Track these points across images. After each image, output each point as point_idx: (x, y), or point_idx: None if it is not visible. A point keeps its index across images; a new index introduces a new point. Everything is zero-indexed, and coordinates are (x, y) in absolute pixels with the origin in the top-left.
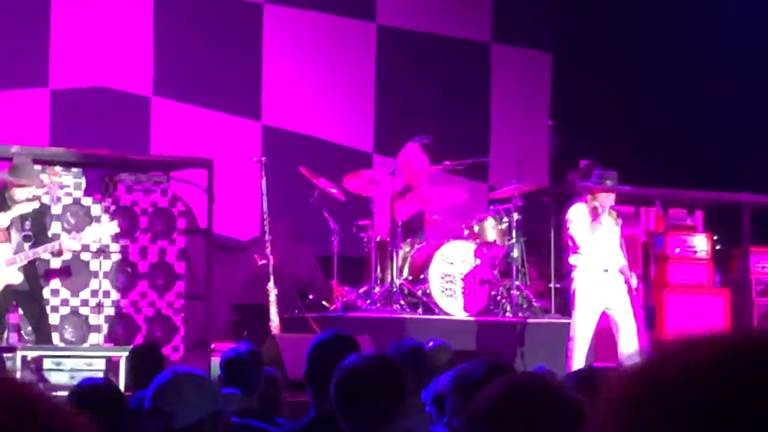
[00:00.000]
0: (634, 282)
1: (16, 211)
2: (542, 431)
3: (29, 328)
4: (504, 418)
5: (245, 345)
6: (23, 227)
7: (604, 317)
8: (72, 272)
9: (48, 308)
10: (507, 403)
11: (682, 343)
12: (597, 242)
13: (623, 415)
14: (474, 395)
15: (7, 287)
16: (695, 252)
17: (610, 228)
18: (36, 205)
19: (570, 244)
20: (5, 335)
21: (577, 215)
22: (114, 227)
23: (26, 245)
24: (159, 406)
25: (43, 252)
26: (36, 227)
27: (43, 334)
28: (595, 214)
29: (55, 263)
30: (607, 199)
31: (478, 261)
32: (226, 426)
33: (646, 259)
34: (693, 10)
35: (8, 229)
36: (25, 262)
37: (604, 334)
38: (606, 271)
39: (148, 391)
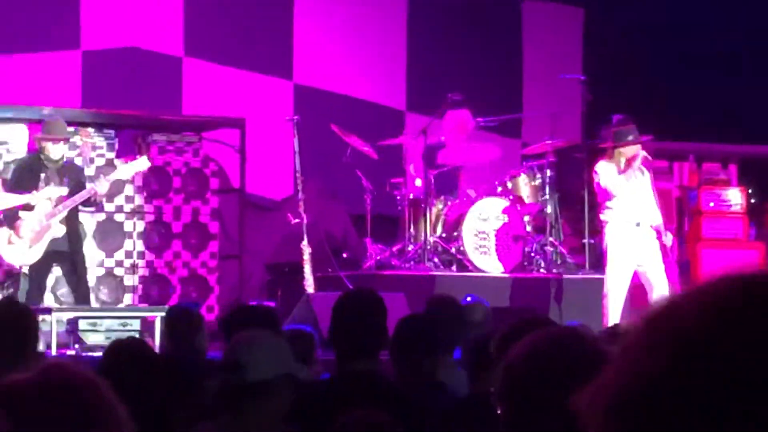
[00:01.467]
0: (668, 239)
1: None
2: (575, 383)
3: (65, 290)
4: (537, 369)
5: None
6: (61, 183)
7: (638, 274)
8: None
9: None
10: (541, 355)
11: (697, 287)
12: (626, 197)
13: (639, 361)
14: (509, 347)
15: (49, 247)
16: (729, 206)
17: (638, 182)
18: (72, 152)
19: (599, 199)
20: (43, 296)
21: (603, 170)
22: (145, 162)
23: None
24: (235, 359)
25: (80, 200)
26: (73, 185)
27: (81, 294)
28: (621, 168)
29: (91, 224)
30: (633, 152)
31: (511, 217)
32: (293, 391)
33: (680, 214)
34: None
35: (47, 185)
36: (65, 212)
37: (640, 291)
38: (638, 225)
39: (224, 346)
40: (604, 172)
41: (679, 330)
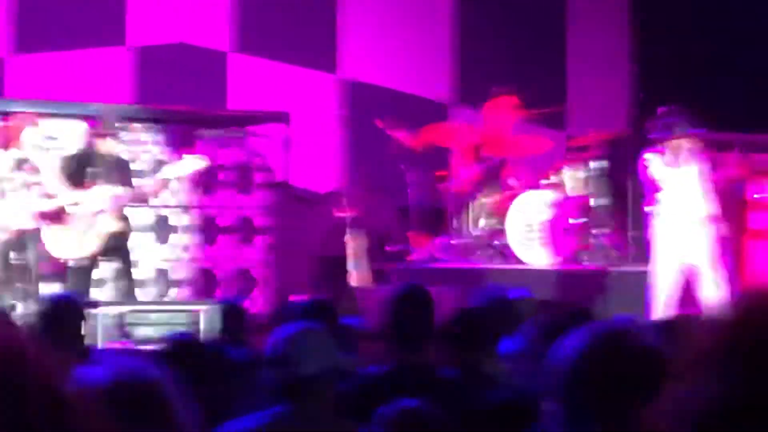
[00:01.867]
0: (717, 231)
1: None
2: (624, 381)
3: (112, 284)
4: (585, 368)
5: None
6: (110, 179)
7: (687, 267)
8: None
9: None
10: (589, 353)
11: None
12: (674, 189)
13: (714, 365)
14: (555, 342)
15: (96, 241)
16: None
17: (688, 174)
18: (121, 147)
19: (646, 192)
20: (90, 289)
21: (651, 162)
22: (200, 162)
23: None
24: (285, 355)
25: (130, 197)
26: (121, 181)
27: (127, 288)
28: (670, 160)
29: (139, 217)
30: (682, 144)
31: (556, 210)
32: (339, 382)
33: (726, 205)
34: None
35: (96, 180)
36: (114, 209)
37: (687, 283)
38: (685, 217)
39: (272, 340)
40: (652, 164)
41: (758, 335)
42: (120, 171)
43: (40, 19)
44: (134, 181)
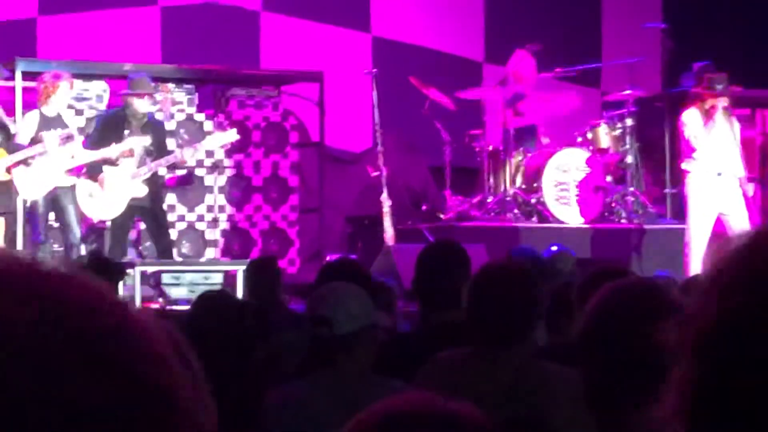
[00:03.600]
0: (750, 189)
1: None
2: (652, 333)
3: (148, 243)
4: (614, 319)
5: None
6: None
7: (721, 223)
8: (193, 180)
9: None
10: (618, 305)
11: None
12: (710, 146)
13: (718, 301)
14: (588, 297)
15: (131, 202)
16: None
17: (724, 131)
18: (154, 108)
19: (683, 149)
20: (126, 250)
21: (690, 119)
22: (233, 134)
23: (148, 159)
24: (321, 313)
25: (165, 164)
26: (156, 141)
27: (163, 248)
28: (707, 118)
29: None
30: (719, 101)
31: (592, 167)
32: (376, 340)
33: (764, 161)
34: None
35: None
36: (149, 174)
37: (723, 240)
38: (719, 174)
39: (309, 300)
40: (690, 122)
41: (759, 267)
42: (154, 132)
43: None
44: (168, 142)
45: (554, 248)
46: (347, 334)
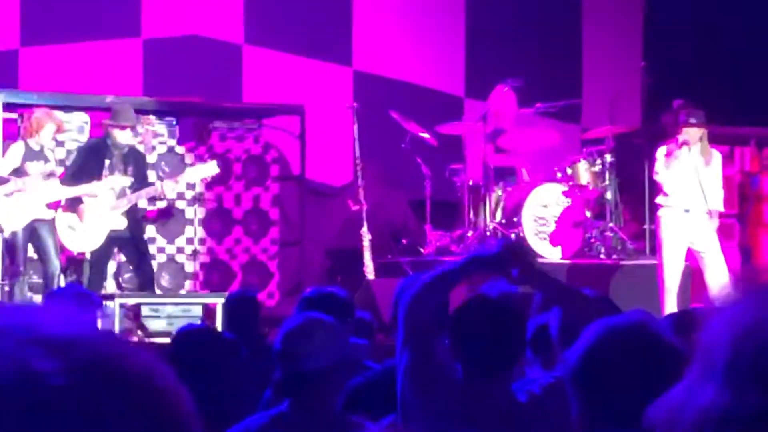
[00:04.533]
0: (713, 222)
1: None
2: (642, 376)
3: (128, 275)
4: (609, 359)
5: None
6: (125, 173)
7: (694, 258)
8: (173, 213)
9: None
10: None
11: None
12: (676, 182)
13: (713, 369)
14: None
15: (111, 233)
16: None
17: (690, 167)
18: (136, 140)
19: (657, 185)
20: (105, 281)
21: (658, 155)
22: (213, 167)
23: (128, 191)
24: (290, 349)
25: (146, 196)
26: (136, 173)
27: (146, 278)
28: (668, 154)
29: (152, 208)
30: (689, 136)
31: (571, 203)
32: (347, 377)
33: (742, 199)
34: None
35: (111, 172)
36: (128, 206)
37: (700, 275)
38: (687, 211)
39: (279, 334)
40: (657, 159)
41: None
42: (135, 164)
43: (53, 10)
44: (149, 174)
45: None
46: (315, 371)
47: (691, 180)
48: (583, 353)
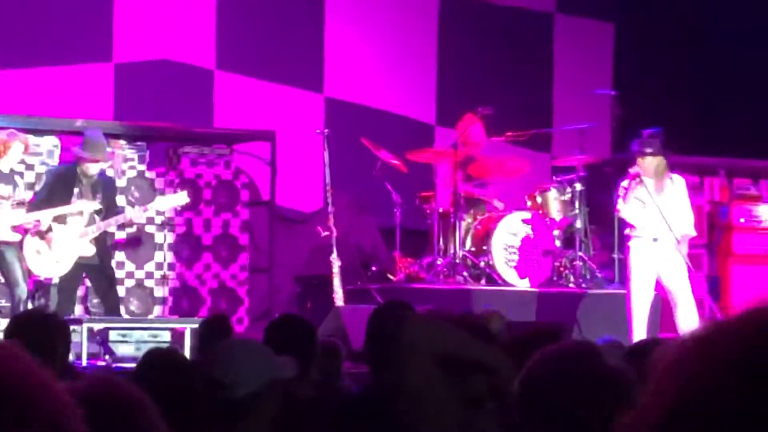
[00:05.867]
0: (682, 249)
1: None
2: (584, 401)
3: (96, 300)
4: (550, 383)
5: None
6: (94, 198)
7: (663, 288)
8: (142, 241)
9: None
10: (553, 370)
11: (746, 312)
12: (640, 214)
13: (674, 388)
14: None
15: (79, 260)
16: (760, 222)
17: (650, 198)
18: (106, 164)
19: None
20: (74, 307)
21: (620, 192)
22: (184, 197)
23: (97, 218)
24: (216, 378)
25: (115, 224)
26: (105, 200)
27: (111, 305)
28: (649, 183)
29: (121, 234)
30: (643, 167)
31: (541, 232)
32: (283, 393)
33: (711, 229)
34: None
35: (79, 199)
36: (97, 234)
37: (668, 305)
38: (655, 240)
39: (205, 360)
40: (631, 186)
41: (734, 355)
42: (104, 191)
43: (24, 34)
44: (118, 199)
45: (484, 308)
46: (244, 397)
47: (653, 211)
48: (527, 376)
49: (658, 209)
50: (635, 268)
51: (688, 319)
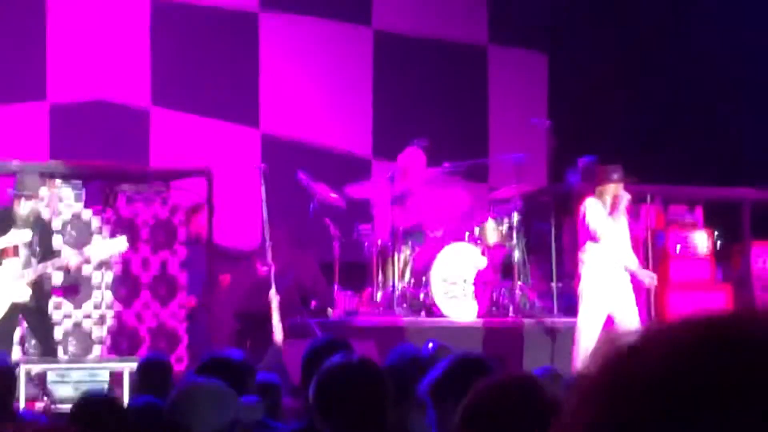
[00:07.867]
0: (648, 280)
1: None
2: (521, 426)
3: (33, 342)
4: (490, 414)
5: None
6: (30, 242)
7: (611, 318)
8: (80, 290)
9: (52, 322)
10: (493, 400)
11: (660, 329)
12: (609, 239)
13: (603, 407)
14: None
15: (15, 302)
16: (696, 249)
17: (622, 224)
18: (41, 204)
19: (582, 239)
20: (11, 350)
21: (592, 209)
22: (123, 243)
23: (33, 260)
24: (176, 419)
25: (52, 267)
26: (42, 242)
27: (48, 347)
28: (612, 208)
29: (58, 278)
30: (621, 191)
31: (479, 263)
32: None
33: (647, 256)
34: (689, 8)
35: (16, 244)
36: (34, 277)
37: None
38: (615, 268)
39: (165, 404)
40: (593, 212)
41: (645, 375)
42: (40, 233)
43: None
44: (56, 238)
45: (431, 345)
46: None
47: (620, 237)
48: (466, 409)
49: (628, 238)
50: (591, 296)
51: None
